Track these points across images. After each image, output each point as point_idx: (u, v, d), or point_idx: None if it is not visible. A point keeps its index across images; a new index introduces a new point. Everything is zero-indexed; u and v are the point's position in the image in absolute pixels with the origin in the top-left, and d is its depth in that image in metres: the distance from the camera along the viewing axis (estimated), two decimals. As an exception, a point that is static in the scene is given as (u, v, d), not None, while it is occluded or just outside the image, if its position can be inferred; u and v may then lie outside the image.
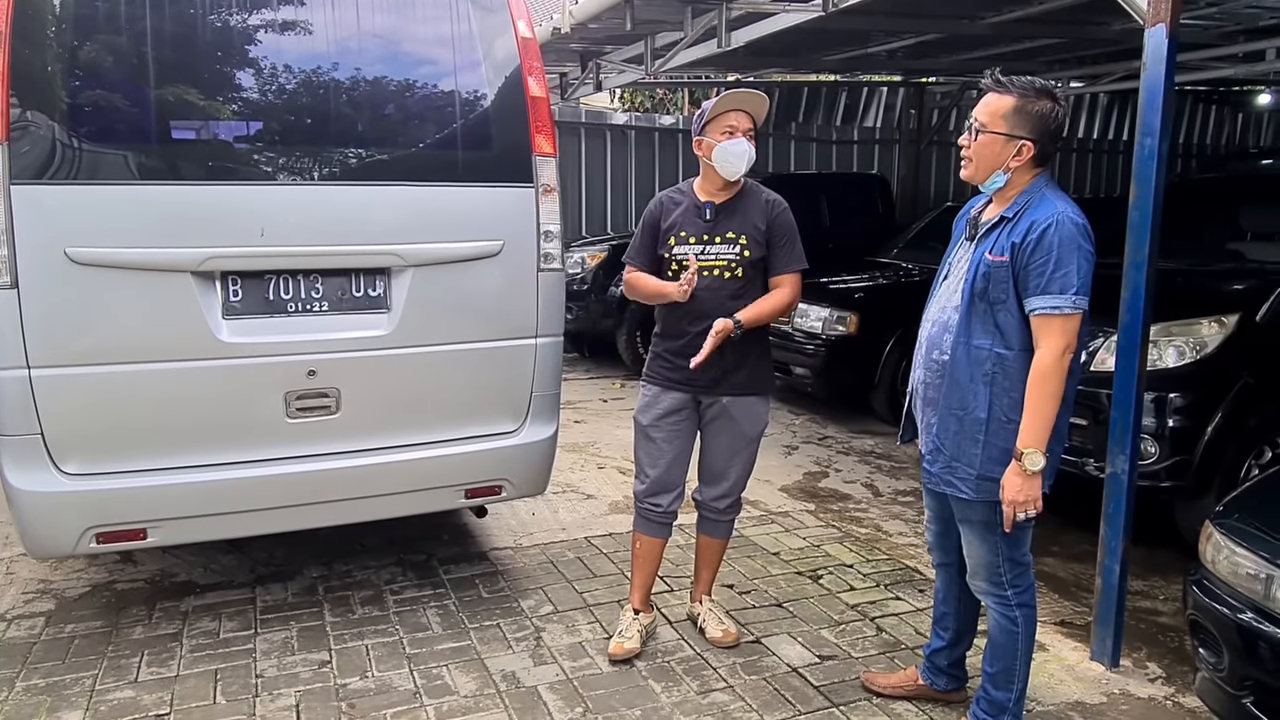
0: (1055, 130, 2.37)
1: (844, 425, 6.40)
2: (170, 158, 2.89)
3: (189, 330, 2.85)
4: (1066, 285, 2.27)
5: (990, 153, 2.38)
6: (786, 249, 3.03)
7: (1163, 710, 2.90)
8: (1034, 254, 2.29)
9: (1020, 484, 2.30)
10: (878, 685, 2.95)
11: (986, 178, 2.42)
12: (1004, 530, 2.43)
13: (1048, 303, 2.28)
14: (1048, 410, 2.30)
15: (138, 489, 2.86)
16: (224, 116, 2.95)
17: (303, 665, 3.06)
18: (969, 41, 7.91)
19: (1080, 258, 2.28)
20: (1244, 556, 2.44)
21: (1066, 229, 2.28)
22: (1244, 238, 5.07)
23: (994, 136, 2.37)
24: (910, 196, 10.90)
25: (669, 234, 3.04)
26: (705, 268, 2.99)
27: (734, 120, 2.94)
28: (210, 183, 2.87)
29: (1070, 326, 2.29)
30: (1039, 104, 2.34)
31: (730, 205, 3.03)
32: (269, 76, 2.97)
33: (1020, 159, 2.36)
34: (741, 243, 2.99)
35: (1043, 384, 2.29)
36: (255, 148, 2.97)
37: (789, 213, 3.06)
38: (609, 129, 10.19)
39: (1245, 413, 3.87)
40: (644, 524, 3.21)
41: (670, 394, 3.08)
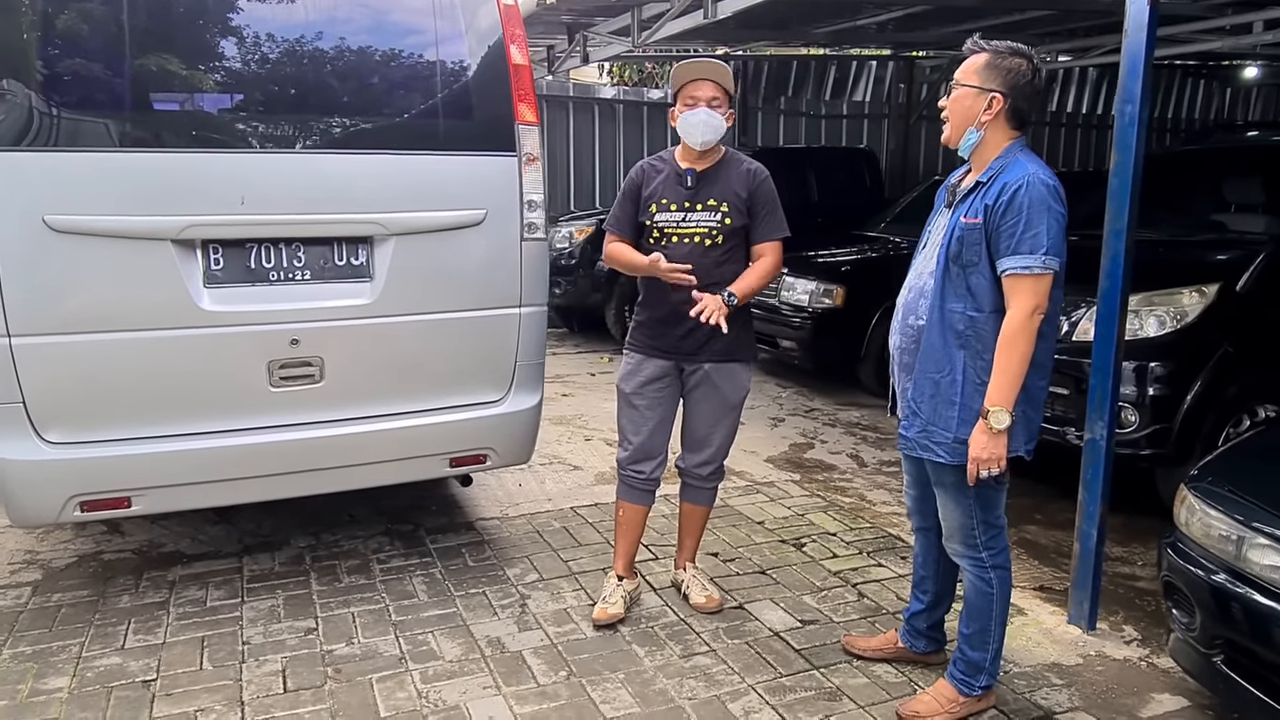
0: (1026, 87, 2.38)
1: (830, 397, 6.44)
2: (150, 125, 2.87)
3: (170, 299, 2.84)
4: (1036, 245, 2.28)
5: (963, 107, 2.41)
6: (769, 217, 3.04)
7: (1136, 670, 2.95)
8: (1005, 215, 2.31)
9: (985, 441, 2.33)
10: (858, 648, 2.99)
11: (960, 135, 2.44)
12: (972, 488, 2.46)
13: (1018, 263, 2.30)
14: (1015, 369, 2.32)
15: (121, 457, 2.86)
16: (204, 84, 2.93)
17: (289, 632, 3.08)
18: (959, 14, 7.87)
19: (1051, 218, 2.30)
20: (1216, 518, 2.48)
21: (1037, 190, 2.30)
22: (1227, 209, 5.08)
23: (965, 90, 2.41)
24: (899, 171, 10.89)
25: (650, 201, 3.05)
26: (686, 235, 3.00)
27: (695, 90, 2.96)
28: (190, 150, 2.86)
29: (1040, 287, 2.31)
30: (1010, 60, 2.37)
31: (711, 173, 3.03)
32: (250, 44, 2.95)
33: (991, 112, 2.38)
34: (723, 210, 2.99)
35: (1012, 343, 2.31)
36: (236, 115, 2.95)
37: (770, 181, 3.07)
38: (597, 103, 10.13)
39: (1224, 381, 3.92)
40: (627, 491, 3.23)
41: (652, 362, 3.10)
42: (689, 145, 2.98)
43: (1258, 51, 9.41)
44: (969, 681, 2.64)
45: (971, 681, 2.64)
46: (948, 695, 2.65)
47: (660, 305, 3.06)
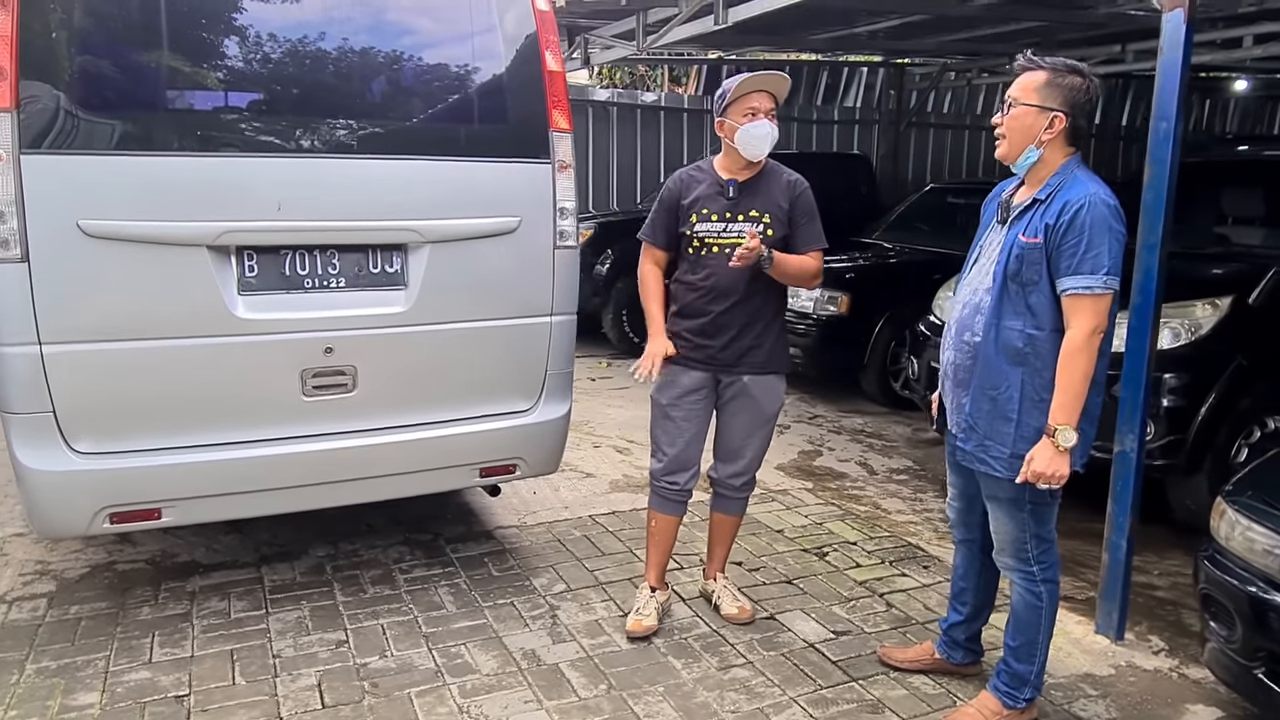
0: (1085, 104, 2.39)
1: (833, 404, 6.46)
2: (186, 128, 2.81)
3: (204, 306, 2.78)
4: (1098, 266, 2.30)
5: (1022, 125, 2.41)
6: (809, 227, 3.05)
7: (1169, 681, 2.98)
8: (1066, 235, 2.32)
9: (1050, 458, 2.34)
10: (894, 659, 2.99)
11: (1020, 153, 2.44)
12: (1027, 503, 2.48)
13: (1079, 283, 2.31)
14: (1079, 388, 2.34)
15: (152, 468, 2.80)
16: (241, 87, 2.87)
17: (320, 645, 3.03)
18: (952, 23, 7.96)
19: (1112, 239, 2.31)
20: (1259, 532, 2.50)
21: (1099, 210, 2.31)
22: (1227, 222, 5.17)
23: (1026, 108, 2.40)
24: (889, 177, 10.96)
25: (690, 211, 3.03)
26: (727, 245, 2.99)
27: (756, 101, 2.93)
28: (227, 155, 2.81)
29: (1101, 306, 2.33)
30: (1069, 78, 2.38)
31: (753, 184, 3.03)
32: (288, 48, 2.89)
33: (1052, 131, 2.39)
34: (765, 221, 2.99)
35: (1074, 362, 2.32)
36: (273, 120, 2.90)
37: (810, 192, 3.08)
38: (591, 105, 10.10)
39: (1238, 393, 3.97)
40: (660, 502, 3.21)
41: (690, 373, 3.08)
42: (746, 156, 2.96)
43: (1247, 65, 9.59)
44: (1013, 694, 2.65)
45: (1016, 694, 2.65)
46: (992, 707, 2.66)
47: (698, 315, 3.05)
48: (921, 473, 5.07)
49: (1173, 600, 3.56)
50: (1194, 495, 4.01)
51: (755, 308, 3.01)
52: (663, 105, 10.45)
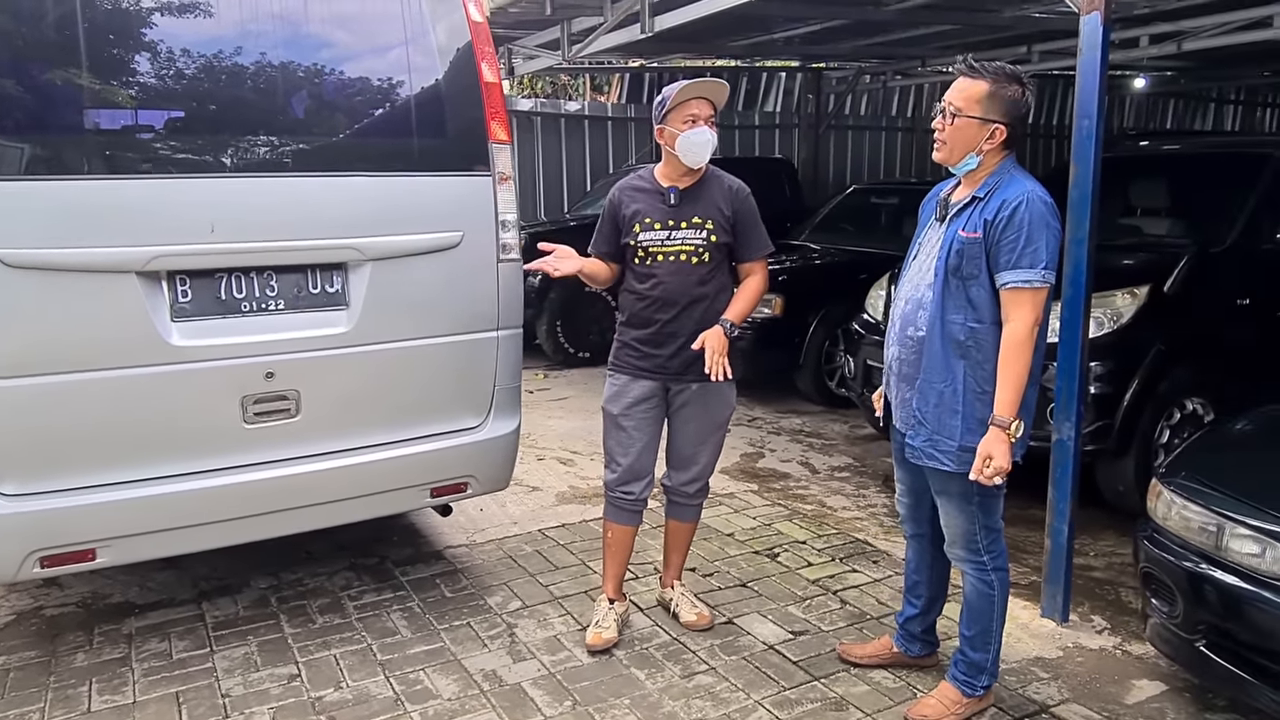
0: (1024, 114, 2.48)
1: (770, 406, 6.54)
2: (110, 150, 2.68)
3: (136, 335, 2.66)
4: (1036, 260, 2.38)
5: (965, 136, 2.47)
6: (754, 235, 3.07)
7: (1114, 659, 3.09)
8: (1005, 230, 2.39)
9: (1005, 451, 2.40)
10: (854, 656, 3.04)
11: (960, 160, 2.51)
12: (975, 495, 2.55)
13: (1019, 277, 2.38)
14: (1021, 380, 2.41)
15: (85, 507, 2.66)
16: (167, 105, 2.76)
17: (270, 680, 2.92)
18: (866, 28, 8.16)
19: (1049, 234, 2.40)
20: (1194, 511, 2.62)
21: (1036, 207, 2.40)
22: (1137, 214, 5.41)
23: (969, 120, 2.46)
24: (811, 180, 11.16)
25: (633, 221, 3.03)
26: (671, 253, 3.00)
27: (695, 109, 2.94)
28: (155, 176, 2.69)
29: (1039, 300, 2.40)
30: (1010, 89, 2.45)
31: (694, 191, 3.03)
32: (217, 64, 2.79)
33: (993, 142, 2.46)
34: (708, 227, 3.00)
35: (1017, 355, 2.40)
36: (204, 139, 2.79)
37: (752, 198, 3.10)
38: (514, 115, 10.02)
39: (1158, 378, 4.15)
40: (616, 513, 3.20)
41: (640, 383, 3.08)
42: (686, 163, 2.97)
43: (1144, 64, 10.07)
44: (971, 682, 2.71)
45: (974, 682, 2.71)
46: (952, 697, 2.72)
47: (645, 325, 3.05)
48: (862, 469, 5.16)
49: (1110, 580, 3.70)
50: (1122, 477, 4.18)
51: (702, 314, 3.01)
52: (586, 114, 10.45)
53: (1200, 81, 12.90)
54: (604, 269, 3.15)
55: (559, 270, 3.01)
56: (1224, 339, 4.36)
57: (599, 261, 3.15)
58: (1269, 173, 4.66)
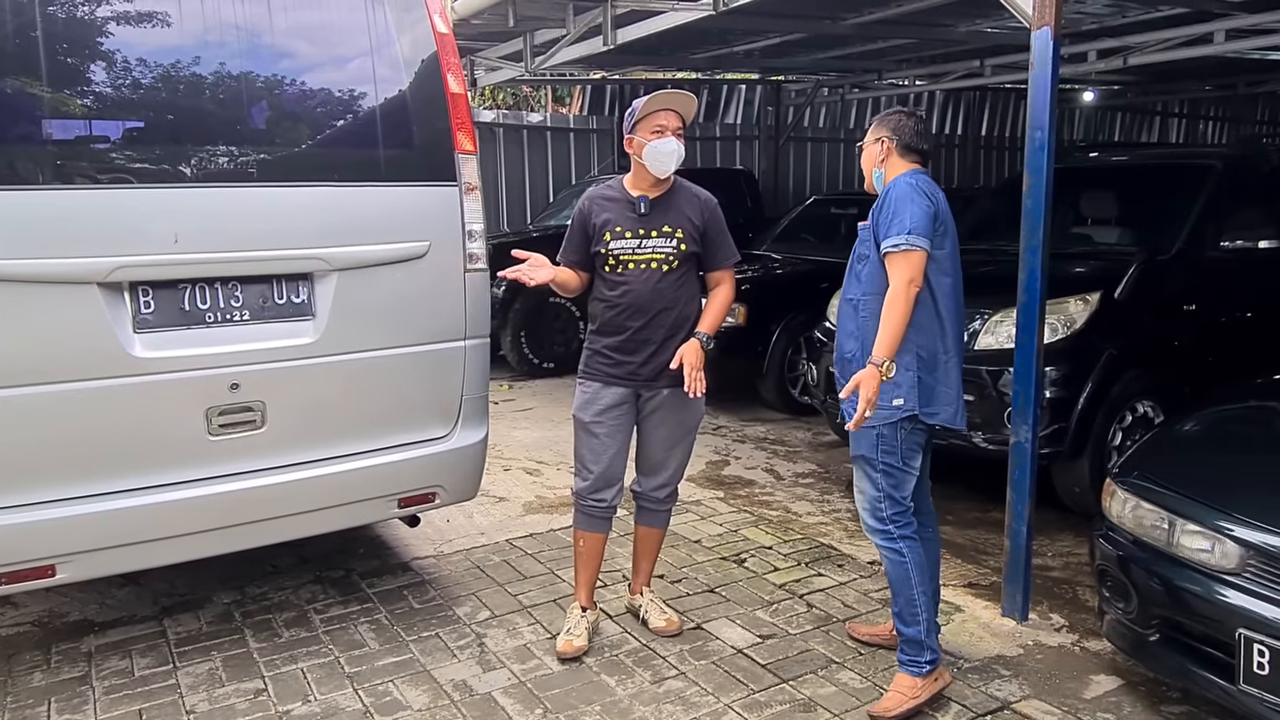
0: (905, 125, 2.89)
1: (734, 414, 6.59)
2: (71, 160, 2.65)
3: (97, 347, 2.63)
4: (901, 228, 2.69)
5: (867, 156, 2.96)
6: (723, 244, 3.14)
7: (1072, 655, 3.17)
8: (881, 212, 2.78)
9: (866, 379, 2.64)
10: (860, 634, 3.26)
11: (871, 178, 2.94)
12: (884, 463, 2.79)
13: (890, 243, 2.71)
14: (895, 328, 2.67)
15: (44, 522, 2.61)
16: (130, 116, 2.73)
17: (236, 696, 2.89)
18: (825, 41, 8.30)
19: (914, 207, 2.70)
20: (1147, 509, 2.71)
21: (901, 188, 2.76)
22: (1087, 223, 5.56)
23: (866, 146, 2.96)
24: (771, 190, 11.30)
25: (603, 230, 3.06)
26: (642, 261, 3.04)
27: (663, 119, 2.99)
28: (117, 187, 2.66)
29: (911, 261, 2.68)
30: (892, 116, 2.94)
31: (664, 200, 3.08)
32: (179, 73, 2.77)
33: (885, 151, 2.88)
34: (679, 236, 3.05)
35: (891, 307, 2.68)
36: (167, 149, 2.76)
37: (719, 209, 3.16)
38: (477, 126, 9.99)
39: (1110, 382, 4.27)
40: (587, 521, 3.22)
41: (611, 389, 3.11)
42: (653, 173, 3.01)
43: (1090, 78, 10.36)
44: (916, 660, 2.82)
45: (918, 659, 2.81)
46: (906, 684, 2.82)
47: (618, 333, 3.08)
48: (826, 475, 5.23)
49: (1068, 579, 3.79)
50: (1078, 479, 4.29)
51: (673, 321, 3.05)
52: (549, 125, 10.48)
53: (1146, 95, 13.29)
54: (574, 278, 3.17)
55: (534, 280, 3.03)
56: (1172, 343, 4.50)
57: (570, 270, 3.17)
58: (1211, 183, 4.83)
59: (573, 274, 3.16)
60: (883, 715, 2.77)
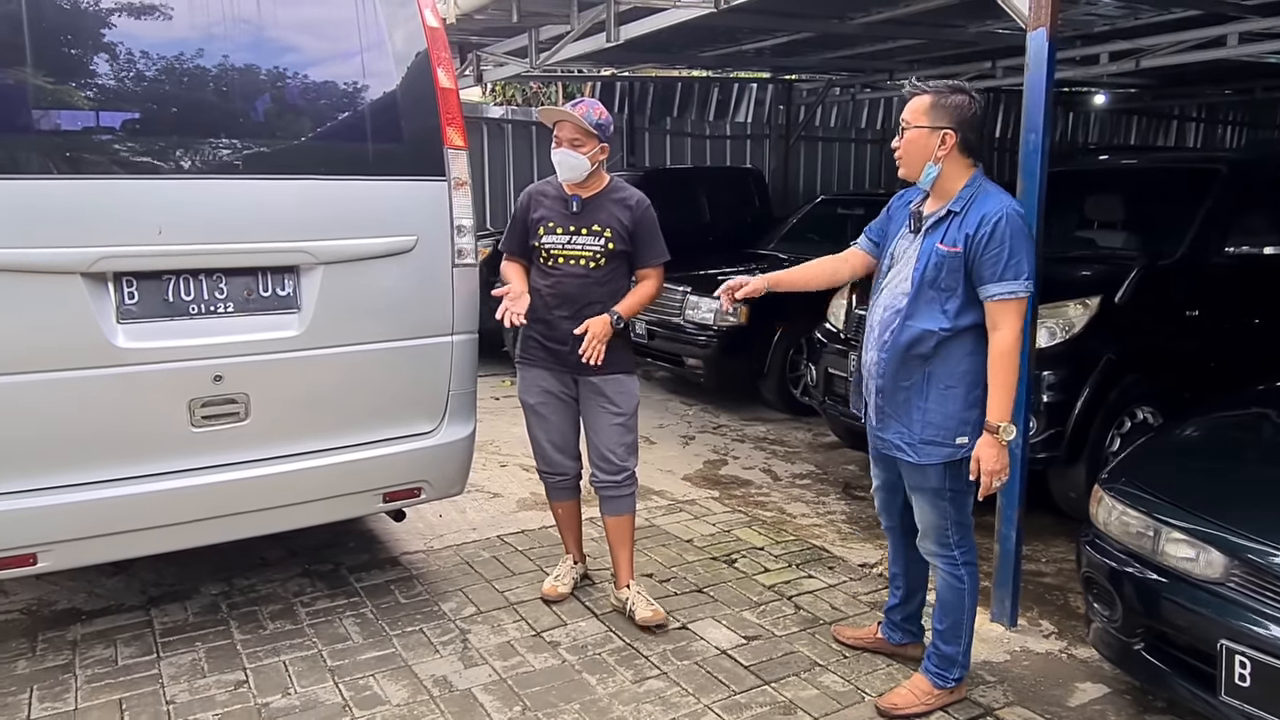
0: (972, 119, 2.58)
1: (735, 414, 6.56)
2: (55, 150, 2.65)
3: (80, 337, 2.63)
4: (1019, 272, 2.50)
5: (917, 147, 2.59)
6: (650, 243, 3.26)
7: (1059, 663, 3.14)
8: (989, 245, 2.49)
9: (996, 454, 2.52)
10: (845, 637, 3.20)
11: (919, 171, 2.61)
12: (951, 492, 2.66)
13: (1005, 289, 2.49)
14: (1010, 385, 2.53)
15: (26, 510, 2.62)
16: (114, 106, 2.73)
17: (217, 687, 2.90)
18: (835, 41, 8.26)
19: (1028, 246, 2.53)
20: (1133, 516, 2.67)
21: (1016, 222, 2.52)
22: (1092, 226, 5.51)
23: (918, 131, 2.58)
24: (780, 190, 11.25)
25: (538, 225, 3.25)
26: (572, 257, 3.21)
27: (558, 131, 3.20)
28: (101, 176, 2.66)
29: (1023, 309, 2.55)
30: (953, 98, 2.56)
31: (596, 200, 3.24)
32: (165, 65, 2.77)
33: (945, 148, 2.56)
34: (606, 235, 3.19)
35: (1005, 362, 2.51)
36: (151, 140, 2.77)
37: (652, 209, 3.28)
38: (485, 123, 10.04)
39: (1108, 387, 4.22)
40: (556, 493, 3.51)
41: (547, 374, 3.32)
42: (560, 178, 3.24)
43: (1103, 81, 10.26)
44: (943, 674, 2.79)
45: (946, 674, 2.79)
46: (923, 688, 2.80)
47: (548, 321, 3.24)
48: (824, 476, 5.20)
49: (1059, 586, 3.75)
50: (1074, 485, 4.24)
51: (597, 314, 3.17)
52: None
53: (1162, 99, 13.16)
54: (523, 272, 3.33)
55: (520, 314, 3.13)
56: (1173, 349, 4.44)
57: (519, 266, 3.32)
58: (1217, 187, 4.76)
59: (520, 268, 3.32)
60: (890, 710, 2.77)
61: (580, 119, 3.14)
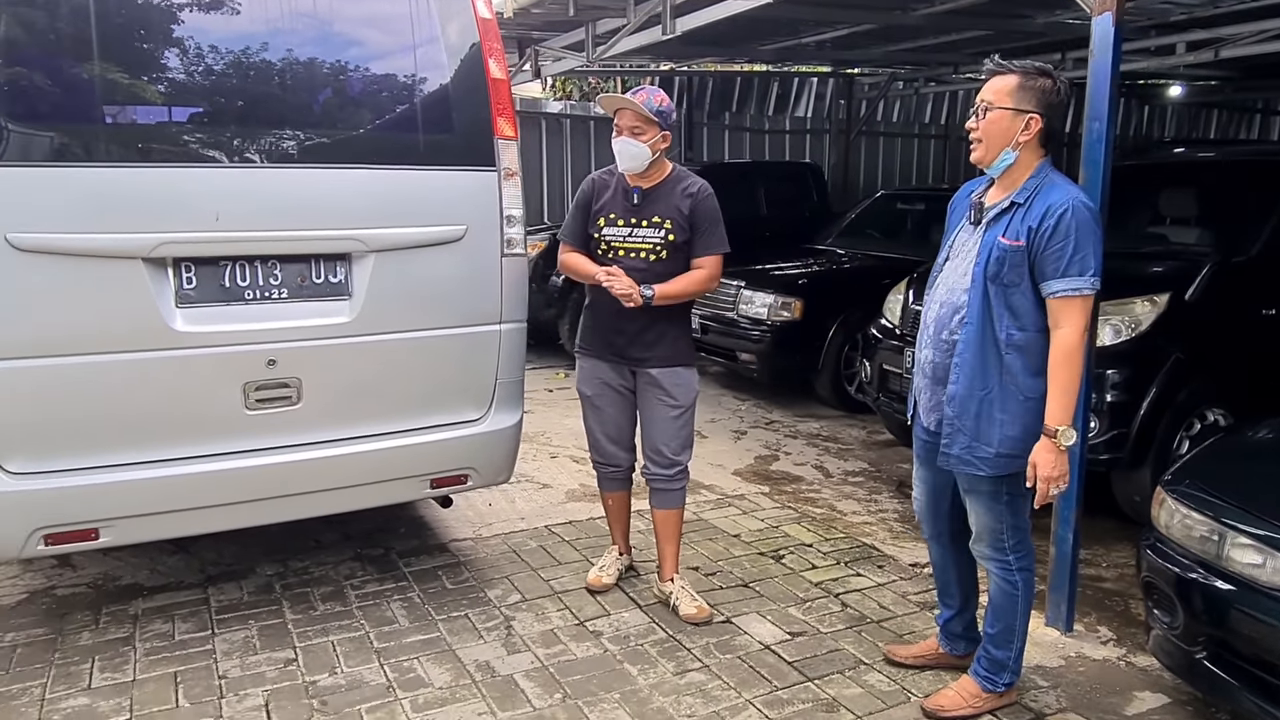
0: (1058, 105, 2.44)
1: (789, 409, 6.50)
2: (119, 139, 2.75)
3: (141, 320, 2.72)
4: (1085, 268, 2.36)
5: (999, 129, 2.44)
6: (708, 232, 3.18)
7: (1117, 670, 3.03)
8: (1052, 239, 2.36)
9: (1054, 460, 2.39)
10: (899, 656, 3.02)
11: (996, 156, 2.47)
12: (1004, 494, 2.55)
13: (1069, 285, 2.36)
14: (1075, 387, 2.40)
15: (89, 487, 2.72)
16: (176, 97, 2.82)
17: (267, 664, 2.97)
18: (898, 33, 8.09)
19: (1095, 240, 2.38)
20: (1197, 520, 2.56)
21: (1083, 214, 2.37)
22: (1164, 222, 5.31)
23: (1002, 112, 2.43)
24: (840, 185, 11.10)
25: (598, 215, 3.21)
26: (631, 249, 3.17)
27: (619, 119, 3.14)
28: (163, 165, 2.74)
29: (1089, 307, 2.41)
30: (1040, 80, 2.42)
31: (656, 190, 3.18)
32: (224, 56, 2.84)
33: (1029, 133, 2.42)
34: (666, 226, 3.14)
35: (1068, 362, 2.38)
36: (211, 129, 2.85)
37: (713, 198, 3.20)
38: (544, 117, 10.10)
39: (1176, 387, 4.05)
40: (608, 483, 3.51)
41: (605, 364, 3.29)
42: (621, 169, 3.18)
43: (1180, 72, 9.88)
44: (993, 678, 2.71)
45: (995, 678, 2.71)
46: (971, 690, 2.72)
47: (604, 312, 3.22)
48: (876, 474, 5.11)
49: (1120, 591, 3.62)
50: (1138, 488, 4.09)
51: (658, 309, 3.13)
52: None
53: (1244, 92, 12.59)
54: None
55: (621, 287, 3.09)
56: (1247, 349, 4.25)
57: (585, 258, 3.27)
58: (1297, 181, 4.55)
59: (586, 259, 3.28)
60: (936, 711, 2.71)
61: (641, 106, 3.07)
